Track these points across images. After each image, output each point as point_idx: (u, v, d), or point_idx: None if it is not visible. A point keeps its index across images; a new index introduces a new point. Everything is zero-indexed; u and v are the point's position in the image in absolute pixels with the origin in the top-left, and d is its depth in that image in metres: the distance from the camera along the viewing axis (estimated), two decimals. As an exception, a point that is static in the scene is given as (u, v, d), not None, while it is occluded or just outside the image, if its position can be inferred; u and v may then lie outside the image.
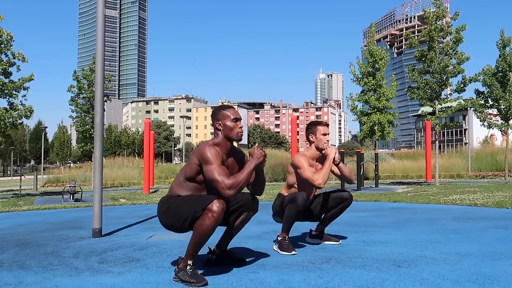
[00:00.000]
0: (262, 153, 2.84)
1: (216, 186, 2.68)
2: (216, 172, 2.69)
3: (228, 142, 2.93)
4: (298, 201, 3.48)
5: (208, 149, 2.77)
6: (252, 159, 2.82)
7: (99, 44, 4.84)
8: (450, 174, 20.06)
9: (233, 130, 2.90)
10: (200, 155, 2.77)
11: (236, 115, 2.94)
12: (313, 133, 3.76)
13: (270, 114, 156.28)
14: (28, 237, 4.66)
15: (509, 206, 6.70)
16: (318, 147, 3.75)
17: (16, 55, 11.96)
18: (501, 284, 2.49)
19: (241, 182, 2.69)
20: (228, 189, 2.65)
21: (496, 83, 16.07)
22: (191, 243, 2.70)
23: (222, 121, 2.92)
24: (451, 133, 66.00)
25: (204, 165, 2.74)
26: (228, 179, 2.67)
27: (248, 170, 2.76)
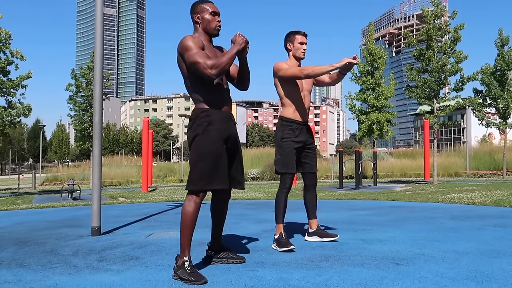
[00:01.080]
0: (243, 38, 2.83)
1: (198, 67, 2.71)
2: (197, 55, 2.72)
3: (207, 35, 2.94)
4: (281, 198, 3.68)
5: (187, 38, 2.80)
6: (234, 46, 2.82)
7: (97, 42, 4.84)
8: (448, 172, 20.10)
9: (211, 23, 2.91)
10: (180, 46, 2.79)
11: (214, 8, 2.94)
12: (290, 41, 3.78)
13: (268, 112, 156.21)
14: (26, 236, 4.65)
15: (507, 204, 6.72)
16: (295, 56, 3.77)
17: (14, 53, 11.94)
18: (499, 282, 2.50)
19: (223, 63, 2.70)
20: (210, 68, 2.68)
21: (494, 82, 16.11)
22: (180, 232, 2.79)
23: (200, 14, 2.92)
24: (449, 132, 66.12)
25: (185, 54, 2.76)
26: (210, 60, 2.70)
27: (229, 54, 2.76)
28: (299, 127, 3.76)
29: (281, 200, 3.70)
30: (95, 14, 4.88)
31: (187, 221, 2.76)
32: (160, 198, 10.00)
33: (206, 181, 2.76)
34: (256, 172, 21.77)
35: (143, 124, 13.97)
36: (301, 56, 3.77)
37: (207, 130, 2.79)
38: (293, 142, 3.70)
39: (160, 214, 6.60)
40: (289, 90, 3.74)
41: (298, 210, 5.76)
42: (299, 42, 3.75)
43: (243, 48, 2.83)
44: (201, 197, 2.79)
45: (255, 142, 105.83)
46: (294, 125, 3.74)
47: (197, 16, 2.93)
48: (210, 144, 2.78)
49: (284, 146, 3.70)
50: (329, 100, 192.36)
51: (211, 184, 2.78)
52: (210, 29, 2.92)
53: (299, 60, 3.80)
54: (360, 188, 12.26)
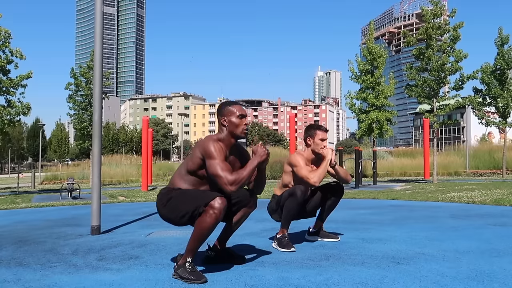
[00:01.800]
0: (265, 151, 2.82)
1: (219, 181, 2.67)
2: (219, 167, 2.68)
3: (232, 139, 2.89)
4: (297, 194, 3.51)
5: (212, 143, 2.76)
6: (255, 157, 2.80)
7: (97, 41, 4.82)
8: (448, 171, 20.09)
9: (238, 127, 2.87)
10: (203, 149, 2.75)
11: (241, 111, 2.90)
12: (311, 136, 3.75)
13: (268, 111, 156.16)
14: (26, 235, 4.65)
15: (507, 203, 6.71)
16: (314, 151, 3.74)
17: (14, 52, 11.92)
18: (499, 281, 2.50)
19: (244, 179, 2.68)
20: (231, 185, 2.64)
21: (494, 81, 16.10)
22: (192, 240, 2.70)
23: (228, 117, 2.88)
24: (449, 131, 66.11)
25: (207, 160, 2.73)
26: (231, 175, 2.66)
27: (251, 167, 2.74)
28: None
29: (293, 209, 3.58)
30: (94, 13, 4.87)
31: (204, 235, 2.68)
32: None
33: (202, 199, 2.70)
34: (255, 171, 21.74)
35: (143, 123, 13.97)
36: (320, 152, 3.70)
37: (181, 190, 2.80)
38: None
39: (160, 213, 6.58)
40: (298, 179, 3.67)
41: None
42: (320, 139, 3.71)
43: (263, 160, 2.82)
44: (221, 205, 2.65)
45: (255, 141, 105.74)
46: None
47: (224, 119, 2.89)
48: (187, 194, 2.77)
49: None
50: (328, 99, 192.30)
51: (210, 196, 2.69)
52: (237, 132, 2.88)
53: (316, 154, 3.74)
54: (360, 187, 12.26)
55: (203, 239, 2.70)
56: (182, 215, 2.71)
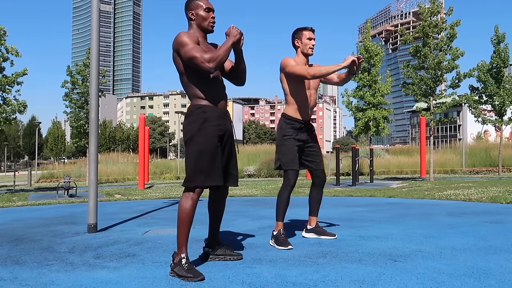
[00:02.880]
0: (238, 30, 2.83)
1: (195, 62, 2.70)
2: (194, 50, 2.71)
3: (202, 32, 2.93)
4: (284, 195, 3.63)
5: (182, 34, 2.79)
6: (229, 38, 2.82)
7: (93, 39, 4.80)
8: (445, 169, 20.16)
9: (206, 19, 2.90)
10: (176, 43, 2.78)
11: (208, 4, 2.92)
12: (298, 38, 3.74)
13: (265, 110, 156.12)
14: (22, 233, 4.63)
15: (503, 201, 6.74)
16: (303, 52, 3.74)
17: (10, 49, 11.87)
18: (496, 278, 2.51)
19: (220, 56, 2.71)
20: (208, 62, 2.68)
21: (490, 79, 16.14)
22: (177, 229, 2.78)
23: (195, 10, 2.91)
24: (445, 129, 66.30)
25: (181, 49, 2.75)
26: (206, 54, 2.70)
27: (226, 47, 2.77)
28: (300, 125, 3.73)
29: (283, 197, 3.66)
30: (91, 11, 4.85)
31: (184, 218, 2.75)
32: (156, 195, 9.98)
33: (202, 178, 2.75)
34: (252, 169, 21.78)
35: (140, 121, 13.93)
36: (309, 52, 3.72)
37: (203, 127, 2.78)
38: (294, 140, 3.68)
39: (157, 211, 6.58)
40: (294, 87, 3.69)
41: (297, 207, 5.76)
42: (307, 38, 3.71)
43: (238, 40, 2.83)
44: (198, 194, 2.78)
45: (252, 139, 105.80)
46: (295, 123, 3.70)
47: (191, 13, 2.92)
48: (206, 141, 2.77)
49: (286, 143, 3.67)
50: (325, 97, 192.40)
51: (207, 181, 2.77)
52: (205, 25, 2.90)
53: (307, 56, 3.75)
54: (357, 185, 12.28)
55: (186, 224, 2.74)
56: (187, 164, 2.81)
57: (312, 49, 3.73)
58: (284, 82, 3.74)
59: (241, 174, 21.54)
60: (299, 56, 3.77)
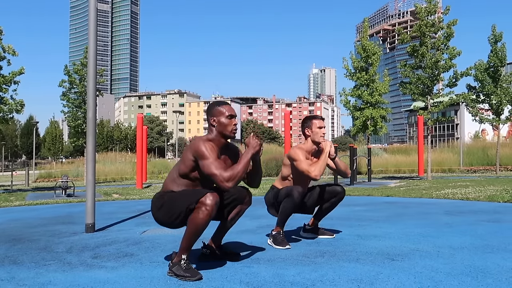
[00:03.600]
0: (258, 142, 2.82)
1: (215, 180, 2.66)
2: (213, 166, 2.67)
3: (222, 139, 2.89)
4: (294, 196, 3.48)
5: (203, 144, 2.75)
6: (248, 149, 2.79)
7: (91, 38, 4.79)
8: (442, 168, 20.20)
9: (228, 126, 2.87)
10: (195, 150, 2.73)
11: (231, 111, 2.90)
12: (308, 127, 3.77)
13: (263, 109, 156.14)
14: (20, 233, 4.62)
15: (500, 200, 6.76)
16: (314, 141, 3.75)
17: (6, 48, 11.81)
18: (493, 277, 2.51)
19: (239, 173, 2.67)
20: (227, 182, 2.63)
21: (487, 78, 16.17)
22: (185, 237, 2.69)
23: (217, 117, 2.88)
24: (443, 128, 66.43)
25: (200, 161, 2.71)
26: (226, 172, 2.65)
27: (245, 160, 2.74)
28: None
29: (289, 210, 3.56)
30: (88, 10, 4.84)
31: (198, 231, 2.66)
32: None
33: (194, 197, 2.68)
34: (250, 169, 21.73)
35: (137, 121, 13.91)
36: (320, 141, 3.72)
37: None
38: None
39: (155, 210, 6.57)
40: (297, 173, 3.67)
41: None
42: (317, 127, 3.73)
43: (257, 151, 2.81)
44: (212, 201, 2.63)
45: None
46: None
47: (213, 119, 2.89)
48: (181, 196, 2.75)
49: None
50: (323, 96, 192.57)
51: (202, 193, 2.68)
52: (227, 132, 2.87)
53: (317, 144, 3.74)
54: (355, 184, 12.29)
55: (196, 236, 2.68)
56: (175, 216, 2.70)
57: (323, 137, 3.74)
58: (288, 167, 3.74)
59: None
60: (308, 143, 3.77)
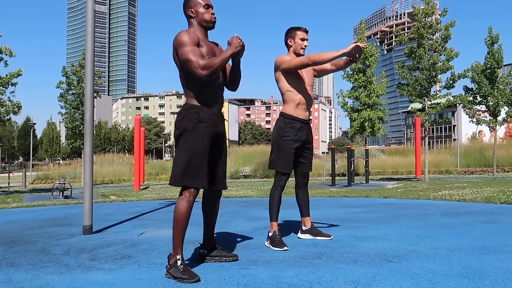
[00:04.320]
0: (240, 42, 2.82)
1: (189, 65, 2.69)
2: (191, 53, 2.69)
3: (203, 29, 2.92)
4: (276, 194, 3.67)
5: (182, 33, 2.77)
6: (230, 47, 2.80)
7: (88, 39, 4.79)
8: (439, 170, 20.24)
9: (205, 15, 2.89)
10: (175, 42, 2.76)
11: (207, 1, 2.92)
12: (291, 37, 3.76)
13: (261, 110, 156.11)
14: (17, 235, 4.60)
15: (498, 201, 6.78)
16: (295, 52, 3.74)
17: (3, 50, 11.80)
18: (490, 278, 2.52)
19: (215, 65, 2.69)
20: (202, 69, 2.66)
21: (484, 79, 16.22)
22: (173, 231, 2.76)
23: (194, 8, 2.90)
24: (440, 129, 66.54)
25: (179, 49, 2.73)
26: (202, 60, 2.68)
27: (224, 56, 2.75)
28: (301, 125, 3.71)
29: (275, 198, 3.69)
30: (86, 11, 4.84)
31: (179, 219, 2.74)
32: (152, 196, 9.96)
33: (186, 178, 2.74)
34: (248, 170, 21.76)
35: (135, 122, 13.90)
36: (301, 53, 3.73)
37: (196, 127, 2.77)
38: (293, 142, 3.66)
39: (152, 212, 6.57)
40: (291, 85, 3.68)
41: (292, 207, 5.76)
42: (300, 38, 3.72)
43: (238, 51, 2.81)
44: (194, 195, 2.78)
45: (248, 139, 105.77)
46: (296, 123, 3.68)
47: (191, 11, 2.91)
48: (198, 141, 2.76)
49: (284, 144, 3.65)
50: (321, 98, 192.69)
51: (192, 182, 2.75)
52: (205, 22, 2.90)
53: (299, 56, 3.76)
54: (352, 186, 12.30)
55: (181, 226, 2.73)
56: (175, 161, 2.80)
57: (303, 49, 3.74)
58: (281, 81, 3.72)
59: (236, 175, 21.53)
60: (290, 54, 3.78)
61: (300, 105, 3.71)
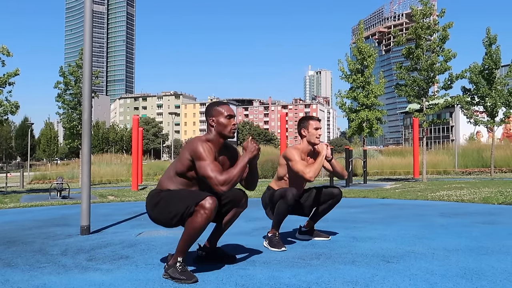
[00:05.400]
0: (255, 146, 2.81)
1: (210, 182, 2.65)
2: (209, 168, 2.65)
3: (221, 139, 2.88)
4: (288, 197, 3.48)
5: (201, 144, 2.73)
6: (246, 153, 2.78)
7: (86, 39, 4.78)
8: (437, 170, 20.28)
9: (227, 127, 2.86)
10: (192, 150, 2.72)
11: (229, 112, 2.89)
12: (305, 127, 3.77)
13: (259, 111, 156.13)
14: (14, 235, 4.59)
15: (495, 202, 6.79)
16: (310, 142, 3.76)
17: (1, 49, 11.76)
18: (488, 279, 2.53)
19: (235, 177, 2.66)
20: (222, 185, 2.62)
21: (482, 80, 16.25)
22: (182, 240, 2.68)
23: (216, 117, 2.87)
24: (438, 130, 66.67)
25: (197, 161, 2.70)
26: (221, 175, 2.64)
27: (242, 165, 2.72)
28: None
29: (283, 211, 3.58)
30: (84, 11, 4.83)
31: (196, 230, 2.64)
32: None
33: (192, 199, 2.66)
34: (246, 170, 21.72)
35: (133, 122, 13.89)
36: (316, 142, 3.73)
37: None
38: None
39: (150, 212, 6.55)
40: (293, 173, 3.67)
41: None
42: (314, 128, 3.74)
43: (254, 155, 2.80)
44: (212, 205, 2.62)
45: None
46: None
47: (212, 120, 2.88)
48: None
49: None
50: (319, 98, 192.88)
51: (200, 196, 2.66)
52: (225, 132, 2.87)
53: (313, 145, 3.75)
54: (350, 186, 12.31)
55: (194, 239, 2.68)
56: (172, 216, 2.68)
57: (318, 138, 3.74)
58: (284, 167, 3.74)
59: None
60: (303, 144, 3.78)
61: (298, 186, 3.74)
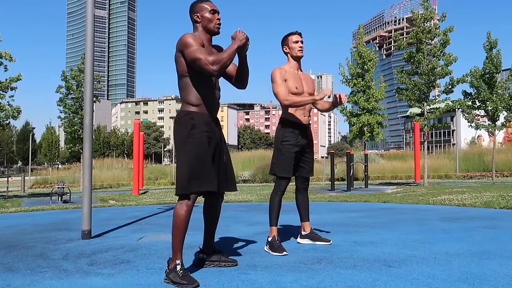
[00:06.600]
0: (244, 35, 2.83)
1: (199, 63, 2.69)
2: (198, 52, 2.70)
3: (208, 34, 2.93)
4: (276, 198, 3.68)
5: (187, 35, 2.78)
6: (234, 41, 2.81)
7: (88, 44, 4.80)
8: (439, 174, 20.24)
9: (211, 21, 2.90)
10: (180, 43, 2.78)
11: (213, 6, 2.93)
12: (286, 44, 3.82)
13: (260, 115, 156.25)
14: (15, 239, 4.59)
15: (497, 206, 6.78)
16: (293, 56, 3.79)
17: (3, 54, 11.81)
18: (490, 284, 2.52)
19: (224, 59, 2.70)
20: (212, 64, 2.67)
21: (483, 84, 16.26)
22: (172, 236, 2.76)
23: (200, 12, 2.91)
24: (439, 134, 66.65)
25: (185, 50, 2.74)
26: (210, 56, 2.69)
27: (230, 51, 2.75)
28: (301, 129, 3.74)
29: (275, 202, 3.70)
30: (85, 16, 4.85)
31: (179, 224, 2.74)
32: (151, 201, 9.94)
33: (193, 184, 2.73)
34: (247, 174, 21.74)
35: (134, 126, 13.90)
36: (299, 54, 3.77)
37: (191, 133, 2.78)
38: (293, 146, 3.67)
39: (151, 217, 6.56)
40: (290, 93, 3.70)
41: (291, 212, 5.75)
42: (293, 42, 3.77)
43: (243, 44, 2.83)
44: (193, 200, 2.77)
45: (247, 144, 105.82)
46: (295, 127, 3.71)
47: (197, 15, 2.92)
48: (195, 147, 2.76)
49: (284, 149, 3.67)
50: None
51: (201, 186, 2.75)
52: (210, 27, 2.91)
53: (298, 59, 3.80)
54: (352, 190, 12.29)
55: (181, 231, 2.73)
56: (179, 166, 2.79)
57: (300, 50, 3.78)
58: None
59: (236, 179, 21.49)
60: (290, 62, 3.81)
61: (299, 110, 3.73)
